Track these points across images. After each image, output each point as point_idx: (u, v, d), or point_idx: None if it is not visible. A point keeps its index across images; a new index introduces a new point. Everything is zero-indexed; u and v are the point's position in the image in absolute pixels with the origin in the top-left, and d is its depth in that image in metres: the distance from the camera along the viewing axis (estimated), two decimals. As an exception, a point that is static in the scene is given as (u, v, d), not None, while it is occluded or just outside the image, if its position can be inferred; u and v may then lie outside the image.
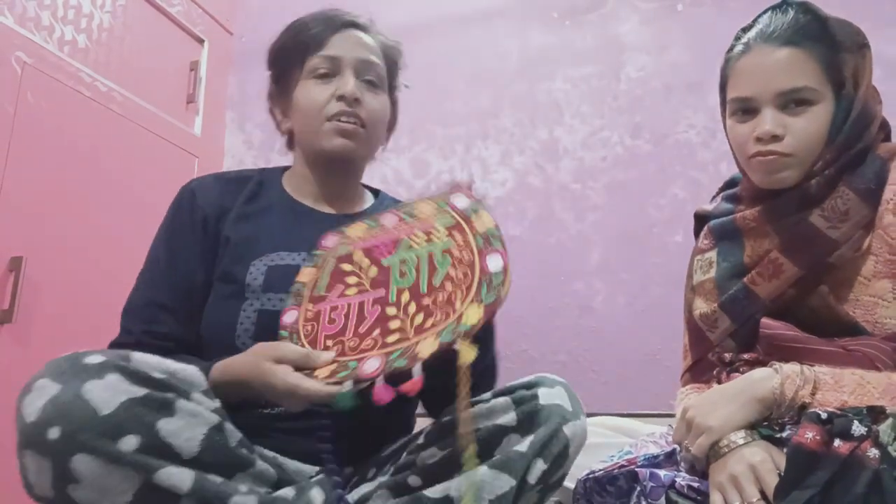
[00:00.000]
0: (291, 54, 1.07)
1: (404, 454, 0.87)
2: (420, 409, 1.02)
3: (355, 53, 1.05)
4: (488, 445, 0.81)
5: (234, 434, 0.77)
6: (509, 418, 0.81)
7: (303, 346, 0.83)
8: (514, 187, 2.13)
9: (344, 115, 1.01)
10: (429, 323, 0.78)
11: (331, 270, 0.90)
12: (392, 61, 1.12)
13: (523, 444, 0.80)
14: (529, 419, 0.81)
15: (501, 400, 0.84)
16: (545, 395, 0.83)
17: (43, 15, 1.80)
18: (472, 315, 0.76)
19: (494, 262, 0.80)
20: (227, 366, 0.84)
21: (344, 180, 1.10)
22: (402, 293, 0.83)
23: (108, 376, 0.69)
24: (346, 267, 0.90)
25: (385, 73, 1.08)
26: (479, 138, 2.18)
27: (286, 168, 1.13)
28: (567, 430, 0.82)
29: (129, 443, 0.67)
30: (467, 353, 0.72)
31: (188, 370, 0.78)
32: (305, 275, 0.92)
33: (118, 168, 1.93)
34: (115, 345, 0.93)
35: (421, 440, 0.87)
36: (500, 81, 2.18)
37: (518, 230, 2.07)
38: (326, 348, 0.81)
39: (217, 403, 0.78)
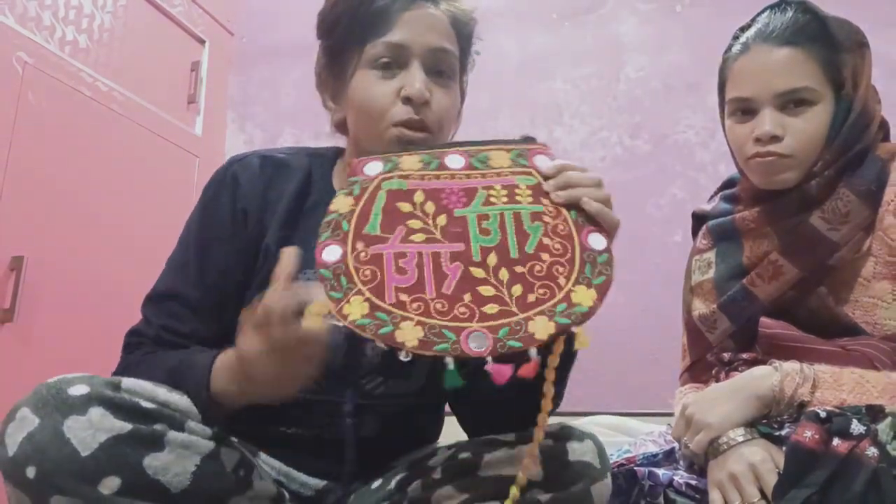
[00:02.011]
0: (349, 32, 0.89)
1: (417, 483, 0.81)
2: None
3: (425, 40, 0.87)
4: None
5: (231, 456, 0.74)
6: (535, 472, 0.74)
7: (358, 290, 0.68)
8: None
9: (410, 123, 0.85)
10: (531, 297, 0.68)
11: (383, 206, 0.74)
12: (466, 38, 0.94)
13: (547, 502, 0.74)
14: (556, 475, 0.75)
15: (527, 448, 0.75)
16: (574, 451, 0.77)
17: (44, 15, 1.80)
18: (585, 297, 0.69)
19: (596, 240, 0.74)
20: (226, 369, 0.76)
21: None
22: (489, 255, 0.71)
23: (92, 411, 0.65)
24: (404, 206, 0.75)
25: (457, 59, 0.91)
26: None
27: (337, 152, 0.98)
28: (594, 490, 0.76)
29: (110, 484, 0.64)
30: (584, 341, 0.66)
31: (182, 400, 0.74)
32: (340, 204, 0.75)
33: (119, 168, 1.92)
34: (133, 333, 0.86)
35: (438, 474, 0.79)
36: (499, 82, 2.18)
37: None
38: (401, 304, 0.67)
39: (214, 429, 0.74)
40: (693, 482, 0.89)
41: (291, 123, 2.40)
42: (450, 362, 0.64)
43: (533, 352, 0.64)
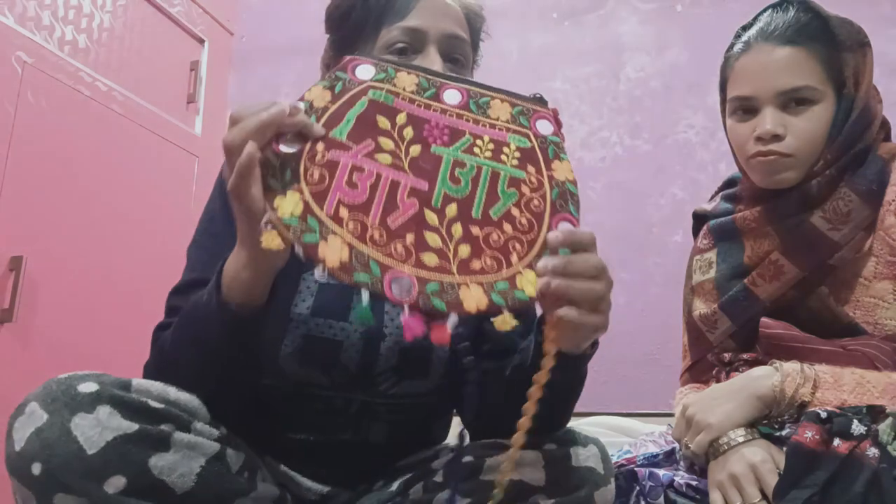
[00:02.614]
0: (363, 20, 0.87)
1: (419, 485, 0.80)
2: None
3: (442, 26, 0.86)
4: (512, 503, 0.73)
5: (236, 458, 0.74)
6: (538, 476, 0.74)
7: (297, 188, 0.63)
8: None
9: None
10: (476, 265, 0.64)
11: (359, 113, 0.69)
12: (476, 32, 0.93)
13: None
14: (559, 481, 0.74)
15: (531, 453, 0.75)
16: (578, 456, 0.76)
17: (43, 15, 1.80)
18: (530, 284, 0.64)
19: (557, 236, 0.66)
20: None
21: None
22: (450, 204, 0.66)
23: (100, 409, 0.65)
24: (383, 122, 0.69)
25: (471, 49, 0.90)
26: (479, 138, 2.18)
27: None
28: (598, 496, 0.75)
29: (116, 483, 0.64)
30: (505, 324, 0.61)
31: (192, 401, 0.73)
32: (316, 95, 0.69)
33: (118, 168, 1.92)
34: (160, 328, 0.83)
35: (440, 477, 0.79)
36: (499, 81, 2.17)
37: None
38: (338, 218, 0.62)
39: (221, 430, 0.73)
40: (693, 483, 0.89)
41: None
42: (365, 296, 0.60)
43: (453, 319, 0.60)
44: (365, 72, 0.72)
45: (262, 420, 0.82)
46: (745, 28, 1.03)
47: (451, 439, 0.92)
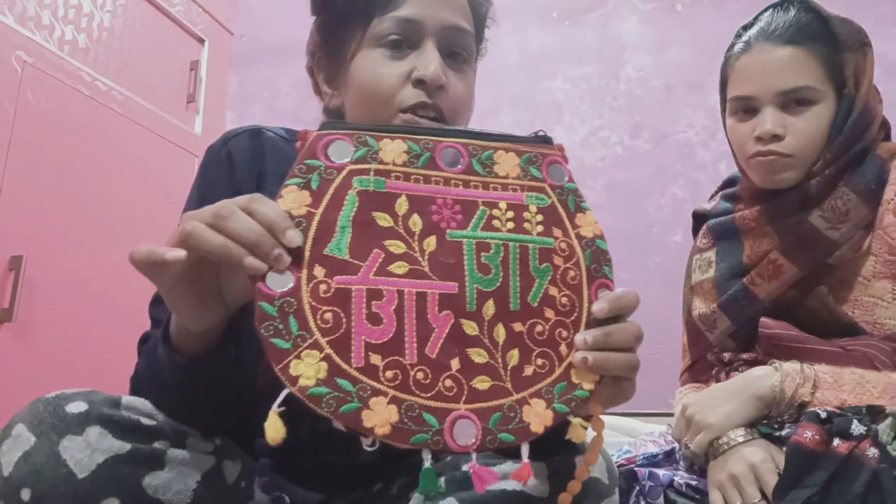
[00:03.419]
0: (352, 5, 0.78)
1: (419, 493, 0.81)
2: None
3: (441, 17, 0.76)
4: None
5: (233, 468, 0.72)
6: (542, 489, 0.70)
7: (313, 342, 0.52)
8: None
9: (422, 107, 0.74)
10: (528, 370, 0.56)
11: (352, 215, 0.56)
12: (480, 20, 0.83)
13: None
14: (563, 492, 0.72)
15: (534, 463, 0.71)
16: None
17: (43, 14, 1.80)
18: (587, 378, 0.57)
19: (602, 308, 0.58)
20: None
21: None
22: (485, 302, 0.57)
23: (90, 430, 0.62)
24: (382, 219, 0.57)
25: (474, 41, 0.81)
26: (479, 138, 2.18)
27: None
28: None
29: None
30: (580, 434, 0.56)
31: None
32: (290, 200, 0.56)
33: (118, 167, 1.92)
34: (144, 340, 0.81)
35: (441, 484, 0.76)
36: (499, 81, 2.18)
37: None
38: (371, 370, 0.52)
39: (216, 442, 0.71)
40: (693, 483, 0.89)
41: (291, 122, 2.39)
42: (427, 459, 0.51)
43: (525, 449, 0.53)
44: (340, 152, 0.58)
45: (254, 438, 0.81)
46: (745, 28, 1.03)
47: None
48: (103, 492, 0.61)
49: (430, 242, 0.57)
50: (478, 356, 0.55)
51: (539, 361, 0.56)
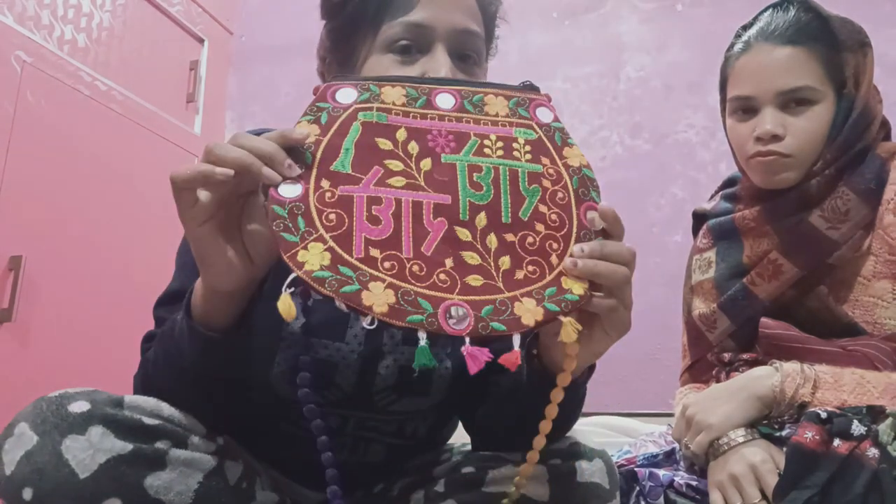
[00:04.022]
0: (361, 10, 0.79)
1: (420, 493, 0.78)
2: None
3: (451, 20, 0.77)
4: None
5: (234, 469, 0.72)
6: (542, 492, 0.71)
7: (318, 236, 0.58)
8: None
9: None
10: (520, 274, 0.60)
11: (356, 140, 0.64)
12: (490, 18, 0.84)
13: None
14: (564, 497, 0.72)
15: (536, 467, 0.72)
16: (584, 472, 0.73)
17: (43, 14, 1.80)
18: (576, 283, 0.60)
19: (594, 218, 0.63)
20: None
21: None
22: (478, 213, 0.62)
23: (92, 430, 0.62)
24: (384, 143, 0.64)
25: (484, 42, 0.82)
26: (479, 138, 2.19)
27: None
28: None
29: None
30: (570, 333, 0.59)
31: (187, 416, 0.70)
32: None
33: (118, 167, 1.92)
34: (148, 339, 0.81)
35: (441, 486, 0.76)
36: (499, 81, 2.18)
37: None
38: (371, 260, 0.58)
39: (218, 443, 0.71)
40: (693, 483, 0.89)
41: (291, 122, 2.39)
42: (422, 337, 0.55)
43: (517, 339, 0.57)
44: (346, 95, 0.66)
45: (256, 436, 0.80)
46: (745, 28, 1.03)
47: (452, 441, 0.91)
48: (105, 492, 0.62)
49: (427, 164, 0.63)
50: (471, 258, 0.60)
51: (530, 268, 0.61)
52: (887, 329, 0.93)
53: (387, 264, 0.58)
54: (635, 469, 0.92)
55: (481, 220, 0.62)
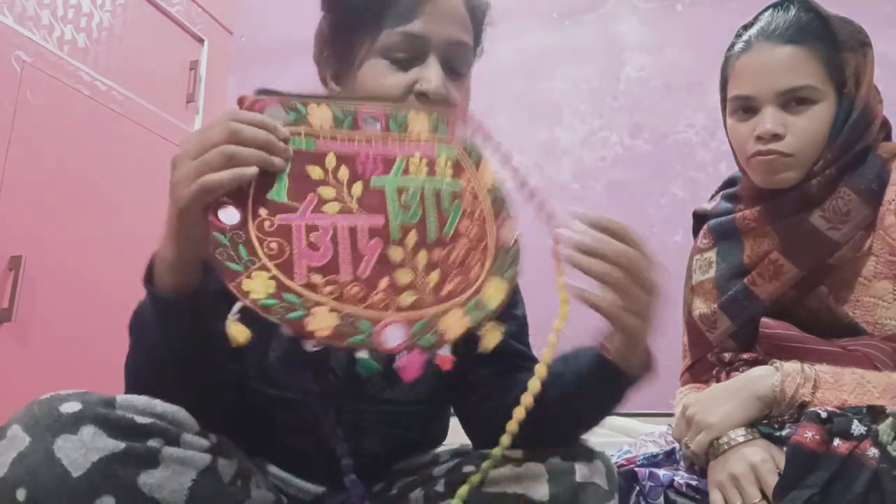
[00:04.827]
0: (362, 12, 0.81)
1: (419, 492, 0.79)
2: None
3: (445, 32, 0.80)
4: None
5: (228, 467, 0.72)
6: (541, 493, 0.72)
7: (262, 265, 0.61)
8: (513, 187, 2.13)
9: None
10: (447, 288, 0.66)
11: (288, 170, 0.67)
12: (478, 23, 0.87)
13: None
14: (563, 497, 0.72)
15: (534, 466, 0.74)
16: (583, 472, 0.74)
17: (42, 14, 1.80)
18: (496, 292, 0.67)
19: (508, 231, 0.71)
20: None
21: None
22: (408, 232, 0.67)
23: (84, 430, 0.62)
24: (315, 172, 0.67)
25: (472, 51, 0.86)
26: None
27: None
28: None
29: None
30: (492, 338, 0.65)
31: (180, 412, 0.70)
32: None
33: (117, 167, 1.92)
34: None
35: (441, 486, 0.78)
36: (499, 81, 2.18)
37: (517, 230, 2.07)
38: (313, 286, 0.62)
39: (211, 440, 0.71)
40: (693, 483, 0.89)
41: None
42: (364, 354, 0.63)
43: (446, 348, 0.63)
44: (275, 115, 0.69)
45: (254, 427, 0.81)
46: (745, 27, 1.03)
47: (449, 443, 0.92)
48: (98, 490, 0.62)
49: (357, 188, 0.67)
50: (403, 277, 0.65)
51: (456, 279, 0.67)
52: (888, 329, 0.93)
53: (328, 289, 0.62)
54: (635, 469, 0.92)
55: (411, 238, 0.67)
